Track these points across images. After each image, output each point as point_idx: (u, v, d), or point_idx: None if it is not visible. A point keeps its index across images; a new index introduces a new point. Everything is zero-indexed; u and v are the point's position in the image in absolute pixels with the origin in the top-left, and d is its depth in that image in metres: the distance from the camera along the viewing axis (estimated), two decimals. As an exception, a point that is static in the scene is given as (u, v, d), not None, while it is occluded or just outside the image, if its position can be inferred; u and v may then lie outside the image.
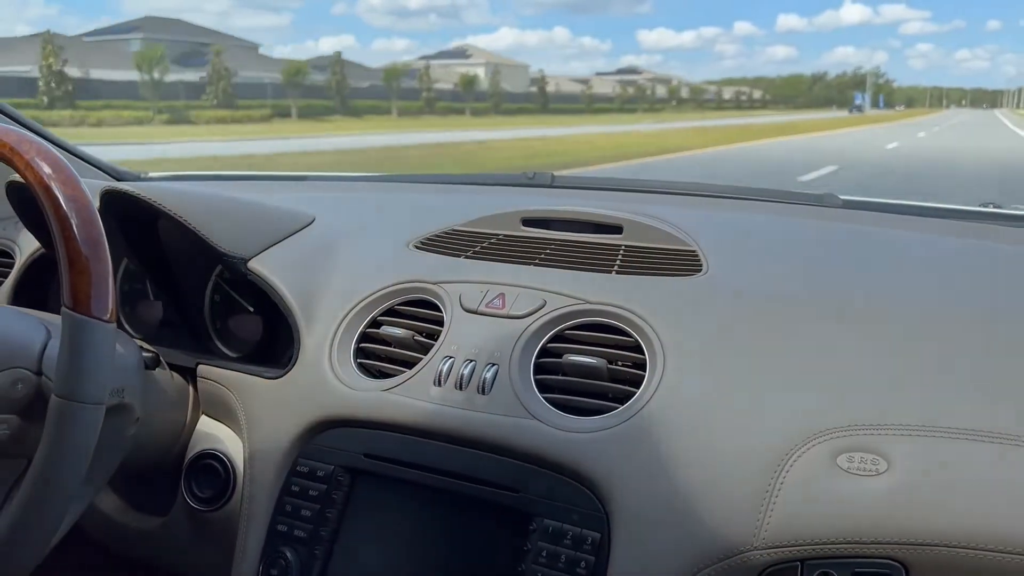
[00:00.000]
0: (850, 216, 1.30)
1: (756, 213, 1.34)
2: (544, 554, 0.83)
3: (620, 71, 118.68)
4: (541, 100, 62.90)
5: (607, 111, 65.28)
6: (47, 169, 0.72)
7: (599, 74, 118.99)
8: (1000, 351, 0.84)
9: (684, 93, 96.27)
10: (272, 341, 1.15)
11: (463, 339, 0.95)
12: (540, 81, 66.75)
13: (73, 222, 0.71)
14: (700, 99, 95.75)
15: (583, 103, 68.25)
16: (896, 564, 0.74)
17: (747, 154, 17.50)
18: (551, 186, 1.54)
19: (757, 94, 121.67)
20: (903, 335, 0.86)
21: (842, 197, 1.36)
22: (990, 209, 1.34)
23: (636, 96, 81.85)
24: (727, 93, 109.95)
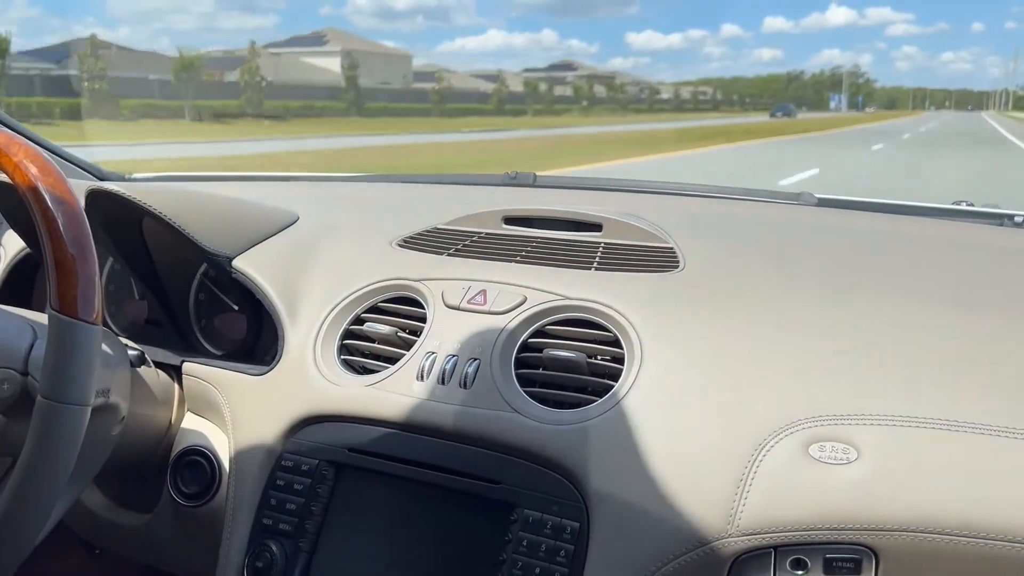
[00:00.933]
0: (826, 214, 1.32)
1: (733, 211, 1.36)
2: (525, 543, 0.84)
3: (552, 67, 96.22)
4: (352, 96, 45.68)
5: (477, 112, 50.83)
6: (34, 171, 0.73)
7: (528, 70, 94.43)
8: (968, 343, 0.86)
9: (601, 92, 77.13)
10: (256, 338, 1.16)
11: (445, 335, 0.96)
12: (349, 70, 46.72)
13: (60, 224, 0.72)
14: (621, 98, 77.15)
15: (431, 103, 51.27)
16: (866, 549, 0.76)
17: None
18: (532, 185, 1.56)
19: (706, 93, 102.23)
20: (874, 327, 0.88)
21: (817, 195, 1.39)
22: (963, 207, 1.37)
23: (526, 95, 62.42)
24: (667, 93, 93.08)
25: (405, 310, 1.02)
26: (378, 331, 1.01)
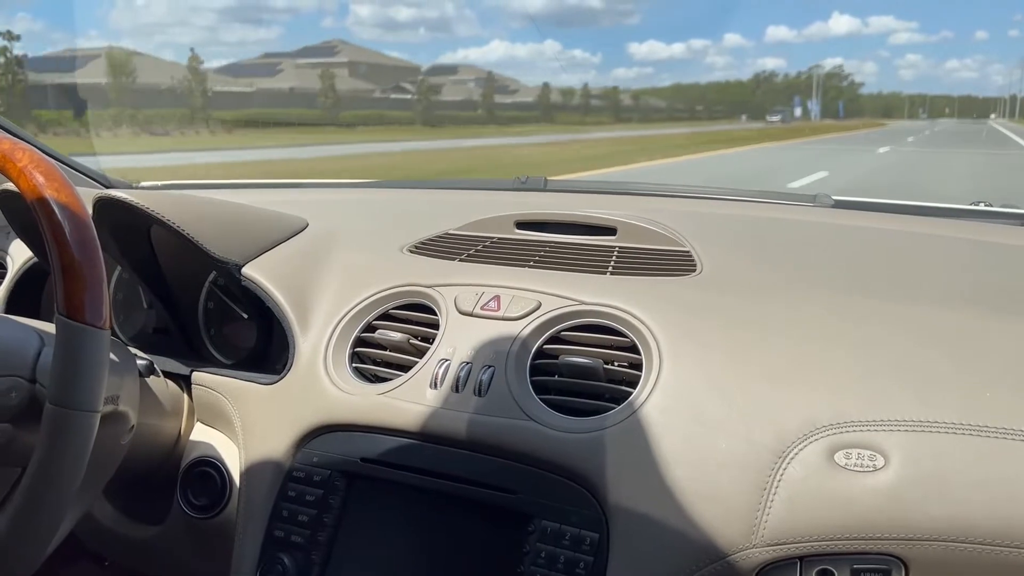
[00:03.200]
0: (843, 215, 1.30)
1: (748, 213, 1.34)
2: (543, 555, 0.82)
3: (306, 50, 58.05)
4: None
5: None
6: (40, 178, 0.72)
7: (270, 55, 58.74)
8: (994, 345, 0.84)
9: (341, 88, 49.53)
10: (266, 347, 1.15)
11: (459, 342, 0.94)
12: None
13: (66, 229, 0.71)
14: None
15: None
16: (895, 559, 0.74)
17: None
18: (543, 189, 1.54)
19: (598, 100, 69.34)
20: (898, 330, 0.86)
21: (834, 197, 1.37)
22: (981, 207, 1.35)
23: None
24: (529, 96, 58.50)
25: (417, 317, 1.01)
26: (390, 338, 0.99)
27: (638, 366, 0.88)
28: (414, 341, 0.98)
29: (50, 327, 0.85)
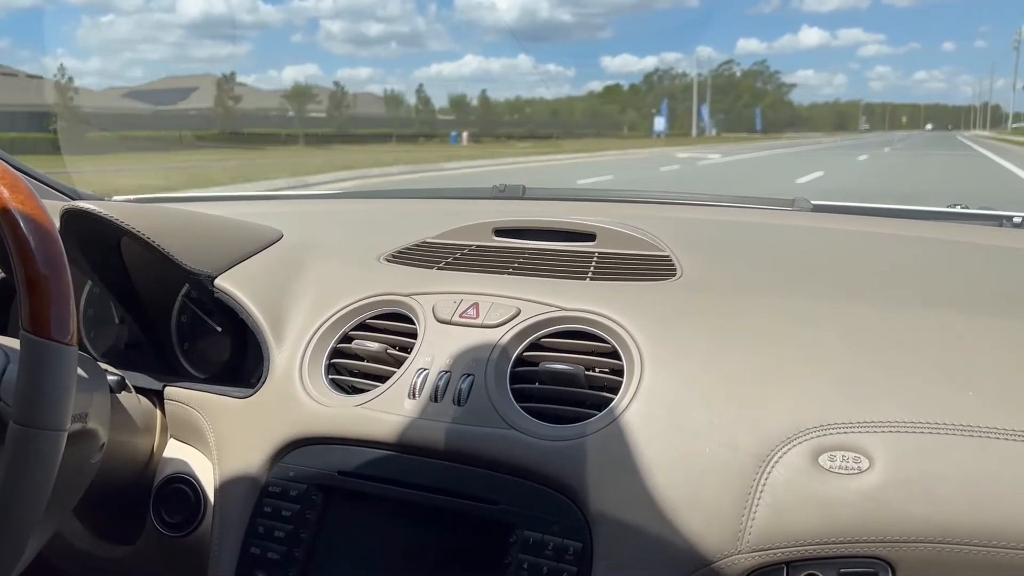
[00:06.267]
0: (822, 219, 1.30)
1: (727, 218, 1.34)
2: (526, 566, 0.81)
3: None
4: None
5: None
6: (4, 190, 0.70)
7: None
8: (975, 344, 0.84)
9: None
10: (241, 360, 1.13)
11: (437, 350, 0.93)
12: None
13: (31, 242, 0.69)
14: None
15: None
16: (882, 562, 0.73)
17: None
18: (521, 197, 1.53)
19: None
20: (880, 332, 0.86)
21: (813, 201, 1.37)
22: (957, 210, 1.36)
23: None
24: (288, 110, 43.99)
25: (395, 326, 0.99)
26: (367, 348, 0.97)
27: (619, 372, 0.87)
28: (392, 351, 0.96)
29: (15, 343, 0.82)
